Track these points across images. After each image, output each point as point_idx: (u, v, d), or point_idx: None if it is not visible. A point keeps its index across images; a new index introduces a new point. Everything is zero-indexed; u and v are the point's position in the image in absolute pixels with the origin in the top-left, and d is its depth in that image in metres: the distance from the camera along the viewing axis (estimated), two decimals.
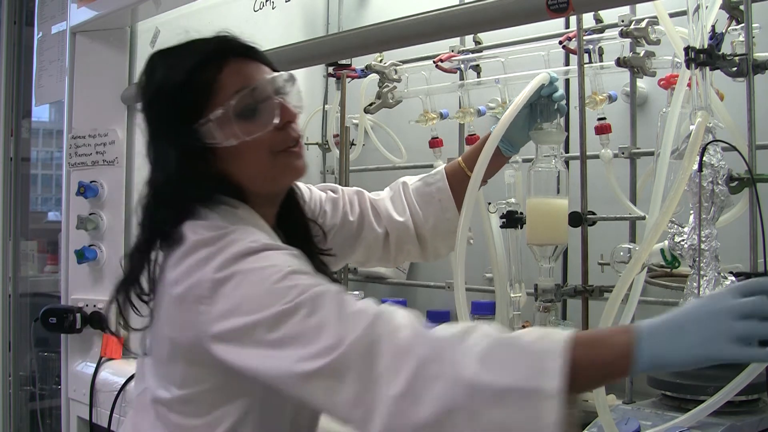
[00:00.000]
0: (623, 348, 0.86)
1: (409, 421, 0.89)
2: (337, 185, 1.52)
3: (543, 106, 1.44)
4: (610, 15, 1.71)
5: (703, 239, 1.29)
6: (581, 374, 0.86)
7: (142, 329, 1.16)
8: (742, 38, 1.40)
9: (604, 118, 1.70)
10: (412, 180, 1.54)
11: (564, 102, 1.44)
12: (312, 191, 1.44)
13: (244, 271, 1.03)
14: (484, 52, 2.02)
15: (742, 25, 1.39)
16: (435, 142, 2.08)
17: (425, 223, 1.48)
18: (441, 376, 0.88)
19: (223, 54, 1.15)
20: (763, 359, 0.87)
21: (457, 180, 1.48)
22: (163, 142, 1.16)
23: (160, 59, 1.19)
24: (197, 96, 1.13)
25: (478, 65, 2.03)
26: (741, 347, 0.83)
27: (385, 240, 1.49)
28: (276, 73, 1.18)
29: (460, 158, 1.51)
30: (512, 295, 1.71)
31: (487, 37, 2.04)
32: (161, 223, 1.13)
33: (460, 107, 2.01)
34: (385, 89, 2.09)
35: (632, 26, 1.57)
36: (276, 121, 1.15)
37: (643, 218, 1.53)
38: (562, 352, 0.86)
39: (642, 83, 1.76)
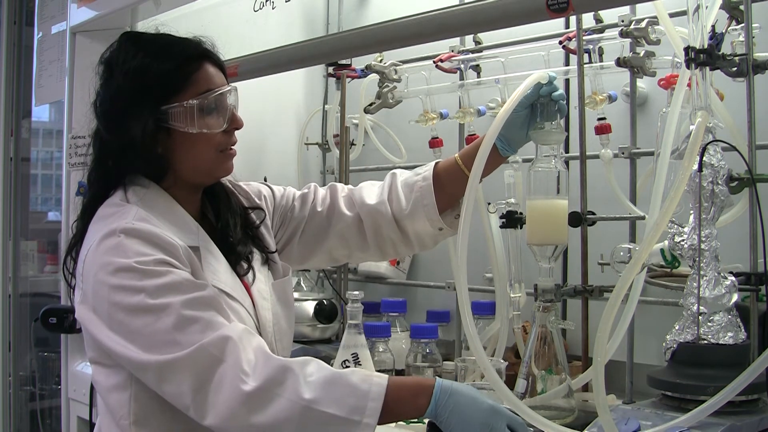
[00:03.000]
0: (420, 409, 1.17)
1: (246, 422, 1.12)
2: (312, 184, 1.59)
3: (543, 106, 1.43)
4: (610, 15, 1.71)
5: (703, 239, 1.29)
6: (389, 415, 1.15)
7: None
8: (742, 38, 1.40)
9: (604, 118, 1.70)
10: (405, 172, 1.56)
11: (564, 101, 1.44)
12: (286, 189, 1.59)
13: None
14: (484, 52, 2.03)
15: (742, 25, 1.39)
16: (435, 142, 2.08)
17: (403, 209, 1.50)
18: (283, 395, 1.13)
19: (204, 56, 1.35)
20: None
21: (449, 173, 1.49)
22: (131, 112, 1.29)
23: (140, 43, 1.35)
24: (177, 84, 1.30)
25: (478, 65, 2.03)
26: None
27: (358, 226, 1.53)
28: (233, 85, 1.39)
29: (456, 155, 1.51)
30: (512, 295, 1.71)
31: (487, 37, 2.04)
32: (107, 180, 1.34)
33: (460, 107, 2.01)
34: (385, 89, 2.10)
35: (632, 26, 1.57)
36: (226, 125, 1.34)
37: (643, 218, 1.53)
38: (382, 396, 1.14)
39: (642, 83, 1.76)
